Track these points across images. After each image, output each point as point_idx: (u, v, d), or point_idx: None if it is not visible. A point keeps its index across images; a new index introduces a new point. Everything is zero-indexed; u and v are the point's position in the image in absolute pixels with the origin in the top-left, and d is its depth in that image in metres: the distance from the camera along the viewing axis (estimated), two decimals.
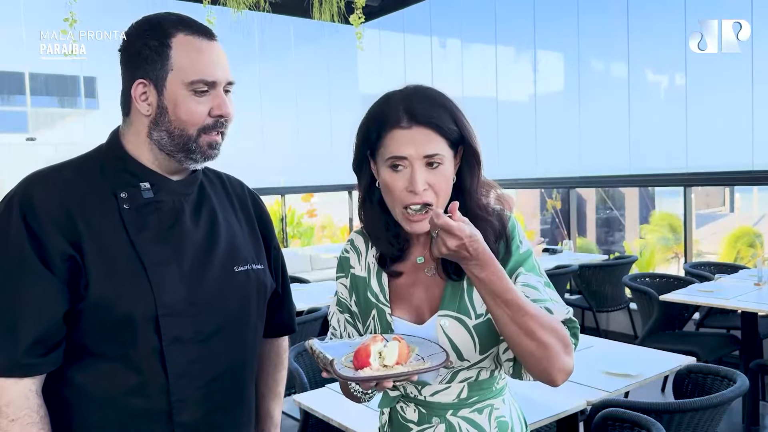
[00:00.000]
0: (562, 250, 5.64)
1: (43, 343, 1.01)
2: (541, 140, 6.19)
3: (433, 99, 1.08)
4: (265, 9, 5.92)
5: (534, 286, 1.10)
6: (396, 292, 1.18)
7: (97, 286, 1.02)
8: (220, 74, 1.08)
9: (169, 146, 1.09)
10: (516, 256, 1.13)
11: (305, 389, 2.44)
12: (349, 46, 7.04)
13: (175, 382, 1.06)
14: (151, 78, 1.07)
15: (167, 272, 1.06)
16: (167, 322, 1.05)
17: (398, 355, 1.02)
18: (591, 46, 5.90)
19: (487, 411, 1.17)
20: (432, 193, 1.07)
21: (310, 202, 9.46)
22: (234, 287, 1.14)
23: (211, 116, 1.08)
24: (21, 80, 6.51)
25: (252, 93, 7.19)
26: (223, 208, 1.20)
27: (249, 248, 1.20)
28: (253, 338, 1.20)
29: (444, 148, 1.07)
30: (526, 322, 0.99)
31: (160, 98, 1.07)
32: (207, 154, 1.11)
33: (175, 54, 1.06)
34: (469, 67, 6.83)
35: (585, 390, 2.19)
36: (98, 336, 1.04)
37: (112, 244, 1.05)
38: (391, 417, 1.24)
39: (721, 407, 2.04)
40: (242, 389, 1.18)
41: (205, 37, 1.09)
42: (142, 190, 1.09)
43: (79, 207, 1.05)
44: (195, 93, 1.07)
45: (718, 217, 8.19)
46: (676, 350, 3.08)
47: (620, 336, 5.12)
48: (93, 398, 1.05)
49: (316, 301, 3.92)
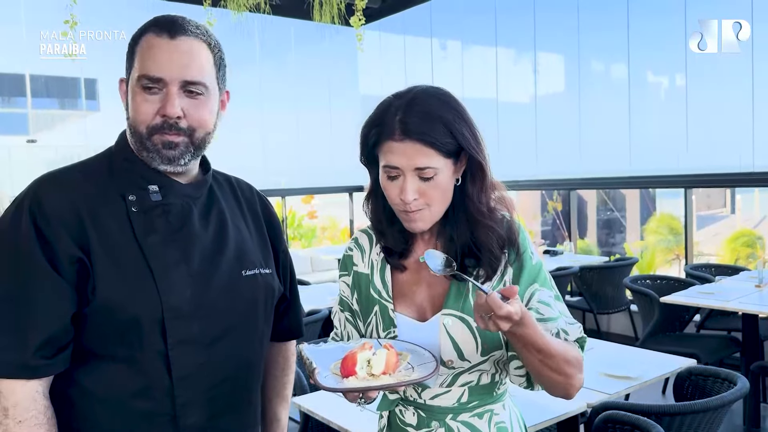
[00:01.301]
0: (563, 251, 5.63)
1: (51, 345, 1.01)
2: (541, 141, 6.19)
3: (429, 111, 1.07)
4: (266, 11, 5.92)
5: (547, 303, 1.13)
6: (399, 289, 1.19)
7: (104, 288, 1.02)
8: (169, 72, 1.04)
9: (134, 145, 1.10)
10: (529, 269, 1.14)
11: (305, 392, 2.43)
12: (350, 47, 7.04)
13: (179, 385, 1.06)
14: (126, 77, 1.10)
15: (174, 275, 1.06)
16: (173, 325, 1.05)
17: (386, 365, 1.01)
18: (591, 48, 5.91)
19: (487, 416, 1.16)
20: (422, 203, 1.09)
21: (310, 204, 9.47)
22: (242, 291, 1.14)
23: (159, 115, 1.06)
24: (22, 82, 6.52)
25: (252, 94, 7.19)
26: (232, 211, 1.20)
27: (257, 252, 1.20)
28: (260, 342, 1.20)
29: (437, 161, 1.07)
30: (554, 363, 1.05)
31: (127, 96, 1.10)
32: (164, 155, 1.07)
33: (138, 52, 1.07)
34: (470, 68, 6.84)
35: (585, 392, 2.19)
36: (104, 338, 1.04)
37: (119, 246, 1.05)
38: (390, 420, 1.23)
39: (722, 409, 2.04)
40: (248, 393, 1.18)
41: (168, 34, 1.05)
42: (150, 192, 1.09)
43: (87, 210, 1.05)
44: (143, 89, 1.05)
45: (719, 218, 8.18)
46: (677, 352, 3.07)
47: (621, 338, 5.12)
48: (99, 400, 1.05)
49: (316, 303, 3.91)
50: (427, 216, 1.11)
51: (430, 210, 1.10)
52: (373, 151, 1.12)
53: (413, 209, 1.09)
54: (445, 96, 1.11)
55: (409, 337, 1.14)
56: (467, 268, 1.14)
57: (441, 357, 1.13)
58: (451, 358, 1.13)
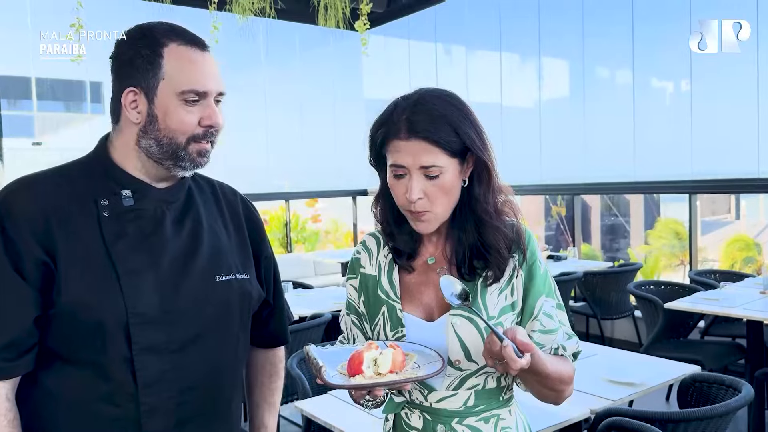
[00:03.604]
0: (567, 256, 5.61)
1: (15, 348, 1.02)
2: (545, 146, 6.18)
3: (435, 111, 1.09)
4: (271, 15, 5.94)
5: (550, 315, 1.16)
6: (407, 290, 1.20)
7: (69, 291, 1.03)
8: (211, 85, 1.09)
9: (158, 154, 1.09)
10: (538, 279, 1.17)
11: (307, 396, 2.43)
12: (354, 52, 7.06)
13: (144, 391, 1.05)
14: (142, 86, 1.07)
15: (141, 280, 1.06)
16: (138, 330, 1.05)
17: (392, 363, 1.02)
18: (596, 53, 5.90)
19: (494, 421, 1.17)
20: (428, 203, 1.11)
21: (314, 208, 9.47)
22: (214, 296, 1.13)
23: (201, 126, 1.09)
24: (27, 85, 6.55)
25: (257, 98, 7.21)
26: (211, 216, 1.20)
27: (234, 257, 1.19)
28: (235, 348, 1.19)
29: (443, 159, 1.09)
30: (548, 382, 1.10)
31: (150, 106, 1.08)
32: (196, 162, 1.11)
33: (167, 63, 1.07)
34: (474, 73, 6.84)
35: (589, 398, 2.18)
36: (69, 342, 1.05)
37: (87, 250, 1.05)
38: (396, 423, 1.24)
39: (726, 417, 2.03)
40: (222, 400, 1.17)
41: (198, 47, 1.10)
42: (123, 197, 1.10)
43: (57, 214, 1.05)
44: (186, 102, 1.07)
45: (724, 224, 8.15)
46: (681, 358, 3.06)
47: (624, 344, 5.10)
48: (64, 403, 1.06)
49: (319, 307, 3.91)
50: (432, 217, 1.12)
51: (435, 210, 1.12)
52: (381, 151, 1.14)
53: (419, 209, 1.11)
54: (451, 97, 1.14)
55: (417, 337, 1.15)
56: (476, 269, 1.15)
57: (449, 357, 1.13)
58: (458, 358, 1.13)
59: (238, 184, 1.37)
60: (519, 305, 1.16)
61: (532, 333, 1.14)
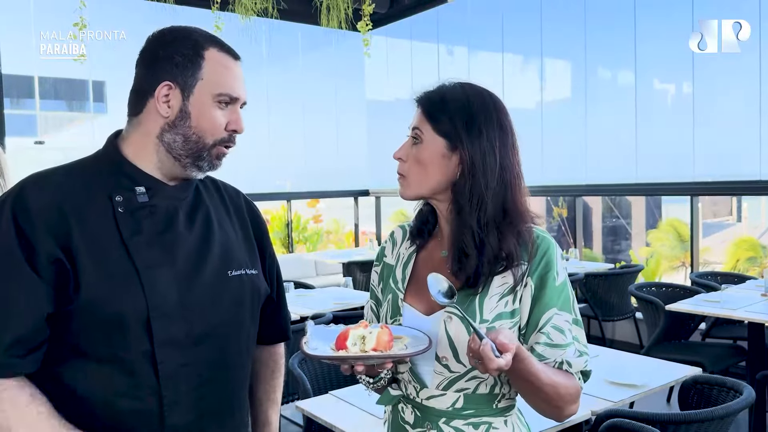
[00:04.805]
0: (568, 258, 5.61)
1: (23, 344, 1.01)
2: (547, 148, 6.18)
3: (446, 92, 1.18)
4: (273, 15, 5.95)
5: (561, 330, 1.13)
6: (416, 282, 1.21)
7: (88, 287, 1.02)
8: (242, 92, 1.15)
9: (180, 149, 1.11)
10: (550, 291, 1.13)
11: (308, 395, 2.43)
12: (357, 52, 7.07)
13: (166, 384, 1.06)
14: (179, 82, 1.10)
15: (159, 275, 1.07)
16: (159, 324, 1.05)
17: (377, 342, 1.04)
18: (598, 55, 5.90)
19: (484, 428, 1.16)
20: (406, 166, 1.18)
21: (315, 208, 9.49)
22: (227, 291, 1.15)
23: (227, 130, 1.14)
24: (30, 84, 6.56)
25: (259, 98, 7.21)
26: (218, 213, 1.22)
27: (243, 253, 1.21)
28: (246, 342, 1.21)
29: (427, 130, 1.16)
30: (542, 394, 1.08)
31: (185, 103, 1.10)
32: (213, 164, 1.15)
33: (207, 65, 1.11)
34: (476, 74, 6.84)
35: (590, 400, 2.18)
36: (89, 337, 1.05)
37: (104, 246, 1.05)
38: (393, 417, 1.26)
39: (727, 419, 2.03)
40: (235, 392, 1.19)
41: (232, 56, 1.16)
42: (137, 194, 1.10)
43: (73, 209, 1.05)
44: (219, 105, 1.12)
45: (726, 226, 8.15)
46: (682, 360, 3.06)
47: (626, 345, 5.10)
48: (84, 399, 1.06)
49: (320, 307, 3.91)
50: (406, 183, 1.19)
51: (409, 178, 1.18)
52: None
53: (398, 170, 1.19)
54: (470, 88, 1.20)
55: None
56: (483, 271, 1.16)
57: (437, 353, 1.14)
58: (446, 355, 1.14)
59: (239, 183, 1.37)
60: (522, 314, 1.14)
61: (536, 345, 1.12)
